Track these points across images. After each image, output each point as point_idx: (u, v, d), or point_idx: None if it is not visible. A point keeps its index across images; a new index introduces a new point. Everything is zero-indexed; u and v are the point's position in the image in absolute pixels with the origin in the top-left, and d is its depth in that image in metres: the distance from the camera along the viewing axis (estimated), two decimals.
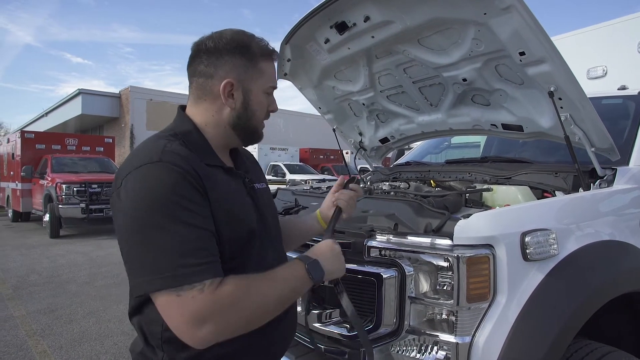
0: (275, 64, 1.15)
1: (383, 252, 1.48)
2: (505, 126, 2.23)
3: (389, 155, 3.70)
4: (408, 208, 1.59)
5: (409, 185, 2.36)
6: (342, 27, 2.16)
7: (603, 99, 2.71)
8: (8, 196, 13.59)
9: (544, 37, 1.59)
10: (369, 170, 3.38)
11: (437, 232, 1.43)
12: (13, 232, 10.86)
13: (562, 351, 1.32)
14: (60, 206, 9.40)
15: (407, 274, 1.40)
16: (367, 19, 2.03)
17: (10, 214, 13.47)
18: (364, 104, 2.82)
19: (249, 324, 0.92)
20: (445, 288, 1.34)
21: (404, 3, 1.84)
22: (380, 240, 1.50)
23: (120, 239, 0.91)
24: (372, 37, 2.15)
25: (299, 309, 1.67)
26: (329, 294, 1.63)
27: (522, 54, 1.70)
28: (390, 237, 1.49)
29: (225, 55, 1.04)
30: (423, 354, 1.37)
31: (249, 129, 1.10)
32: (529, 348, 1.28)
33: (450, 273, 1.32)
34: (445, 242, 1.35)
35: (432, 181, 2.41)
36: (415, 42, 2.08)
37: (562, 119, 1.80)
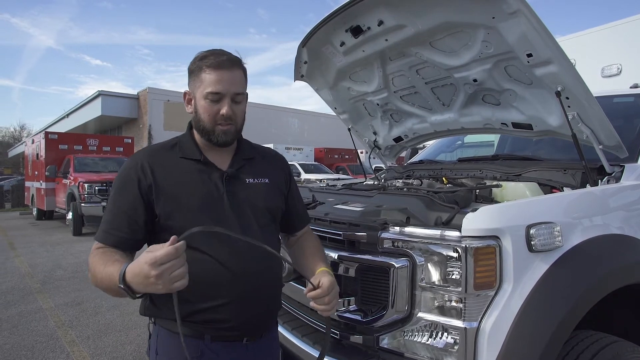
0: (219, 73, 1.23)
1: (396, 244, 1.57)
2: (515, 125, 2.30)
3: (403, 154, 3.78)
4: (420, 202, 1.68)
5: (422, 182, 2.45)
6: (357, 31, 2.27)
7: (615, 97, 2.75)
8: (33, 195, 14.05)
9: (550, 39, 1.67)
10: (384, 169, 3.47)
11: (447, 224, 1.52)
12: (38, 230, 11.24)
13: (565, 337, 1.39)
14: (82, 204, 9.71)
15: (418, 263, 1.49)
16: (381, 23, 2.13)
17: (34, 212, 13.93)
18: (378, 104, 2.91)
19: (99, 287, 1.16)
20: (454, 277, 1.42)
21: (416, 8, 1.93)
22: (393, 232, 1.59)
23: None
24: (386, 40, 2.25)
25: None
26: (344, 283, 1.73)
27: (529, 55, 1.78)
28: (403, 230, 1.58)
29: (189, 73, 1.30)
30: (433, 339, 1.47)
31: (201, 130, 1.29)
32: (533, 334, 1.36)
33: (458, 262, 1.40)
34: (454, 233, 1.44)
35: (444, 178, 2.49)
36: (427, 45, 2.17)
37: (570, 117, 1.87)
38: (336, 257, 1.72)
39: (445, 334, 1.44)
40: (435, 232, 1.49)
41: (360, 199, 2.07)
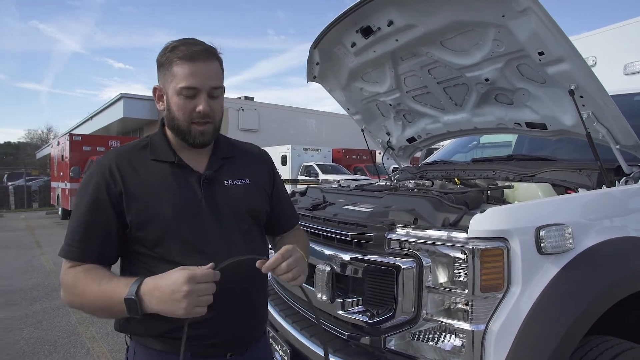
0: (194, 65, 1.10)
1: (403, 245, 1.57)
2: (529, 124, 2.26)
3: (418, 154, 3.75)
4: (428, 204, 1.67)
5: (433, 183, 2.42)
6: (367, 32, 2.27)
7: (636, 95, 2.67)
8: (58, 195, 14.50)
9: (562, 36, 1.63)
10: (398, 170, 3.45)
11: (454, 226, 1.50)
12: (63, 229, 11.57)
13: (575, 342, 1.36)
14: None
15: (424, 265, 1.48)
16: (390, 23, 2.12)
17: (60, 212, 14.36)
18: (390, 105, 2.90)
19: (83, 309, 1.09)
20: (460, 278, 1.41)
21: (425, 7, 1.92)
22: (400, 233, 1.59)
23: None
24: (396, 40, 2.24)
25: (324, 298, 1.79)
26: (352, 283, 1.73)
27: (541, 53, 1.75)
28: (410, 231, 1.57)
29: (158, 66, 1.17)
30: (440, 341, 1.45)
31: (176, 129, 1.16)
32: (541, 338, 1.33)
33: (465, 264, 1.39)
34: (461, 235, 1.42)
35: (456, 179, 2.46)
36: (438, 44, 2.15)
37: (584, 116, 1.83)
38: (344, 258, 1.73)
39: (452, 336, 1.43)
40: (442, 234, 1.48)
41: (369, 200, 2.07)
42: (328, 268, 1.77)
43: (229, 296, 1.13)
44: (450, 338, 1.44)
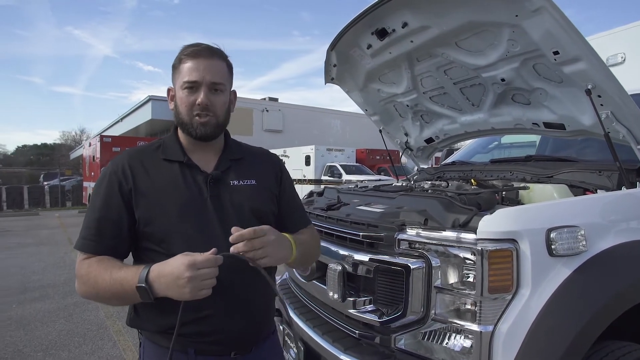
0: (196, 61, 1.17)
1: (412, 245, 1.58)
2: (547, 125, 2.22)
3: (437, 154, 3.73)
4: (438, 204, 1.67)
5: (448, 184, 2.41)
6: (382, 33, 2.28)
7: None
8: (89, 194, 15.03)
9: (577, 36, 1.60)
10: (416, 171, 3.43)
11: (464, 227, 1.50)
12: None
13: (586, 348, 1.33)
14: None
15: (433, 265, 1.49)
16: (405, 25, 2.13)
17: None
18: (408, 105, 2.90)
19: (97, 298, 1.15)
20: (469, 279, 1.41)
21: (439, 9, 1.92)
22: (410, 233, 1.60)
23: None
24: (411, 41, 2.25)
25: (335, 296, 1.82)
26: (363, 283, 1.76)
27: (556, 53, 1.72)
28: (420, 231, 1.58)
29: (172, 70, 1.24)
30: (449, 341, 1.46)
31: (180, 123, 1.23)
32: (550, 341, 1.32)
33: (474, 265, 1.39)
34: (470, 236, 1.42)
35: (473, 180, 2.44)
36: (453, 45, 2.15)
37: (603, 116, 1.79)
38: (355, 258, 1.75)
39: (461, 336, 1.43)
40: (451, 235, 1.48)
41: (383, 201, 2.08)
42: (340, 267, 1.79)
43: (231, 294, 1.16)
44: (458, 338, 1.44)
